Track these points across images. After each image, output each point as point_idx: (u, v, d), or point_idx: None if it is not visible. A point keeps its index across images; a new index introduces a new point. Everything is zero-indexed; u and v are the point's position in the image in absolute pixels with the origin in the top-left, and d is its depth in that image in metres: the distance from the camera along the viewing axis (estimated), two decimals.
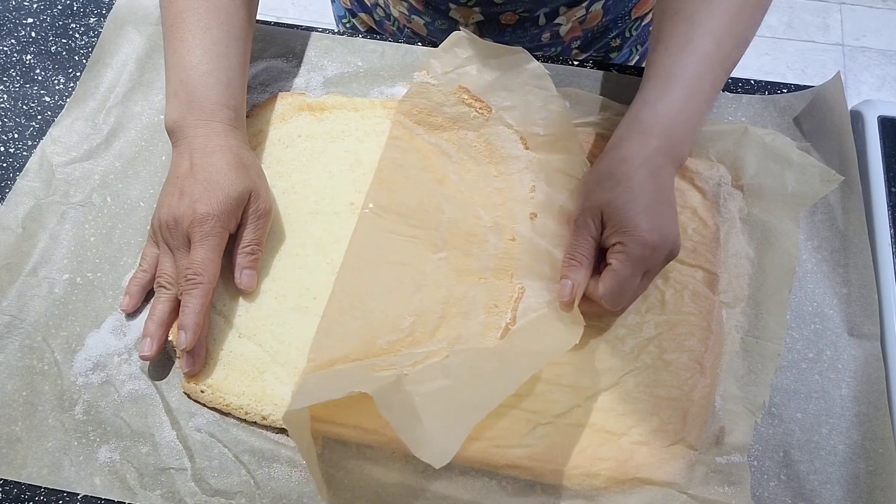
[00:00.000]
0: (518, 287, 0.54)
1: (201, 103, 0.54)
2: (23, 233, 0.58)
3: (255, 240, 0.54)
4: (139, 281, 0.54)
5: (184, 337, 0.50)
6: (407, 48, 0.67)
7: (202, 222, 0.51)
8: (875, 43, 1.92)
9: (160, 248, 0.54)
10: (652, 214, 0.49)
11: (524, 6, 0.69)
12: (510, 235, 0.56)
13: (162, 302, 0.52)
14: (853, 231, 0.58)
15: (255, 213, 0.54)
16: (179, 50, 0.55)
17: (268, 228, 0.56)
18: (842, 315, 0.55)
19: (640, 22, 0.79)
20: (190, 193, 0.51)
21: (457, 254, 0.55)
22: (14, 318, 0.54)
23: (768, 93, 0.65)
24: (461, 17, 0.72)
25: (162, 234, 0.53)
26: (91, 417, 0.50)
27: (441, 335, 0.52)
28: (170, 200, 0.52)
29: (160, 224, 0.53)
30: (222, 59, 0.56)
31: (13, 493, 0.48)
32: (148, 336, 0.51)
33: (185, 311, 0.50)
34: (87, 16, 0.71)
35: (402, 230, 0.55)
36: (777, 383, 0.52)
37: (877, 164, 0.60)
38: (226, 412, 0.50)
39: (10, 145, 0.63)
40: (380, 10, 0.79)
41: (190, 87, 0.55)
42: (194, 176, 0.52)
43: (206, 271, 0.51)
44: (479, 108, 0.61)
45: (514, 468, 0.48)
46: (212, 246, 0.51)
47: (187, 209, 0.51)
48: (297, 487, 0.48)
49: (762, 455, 0.50)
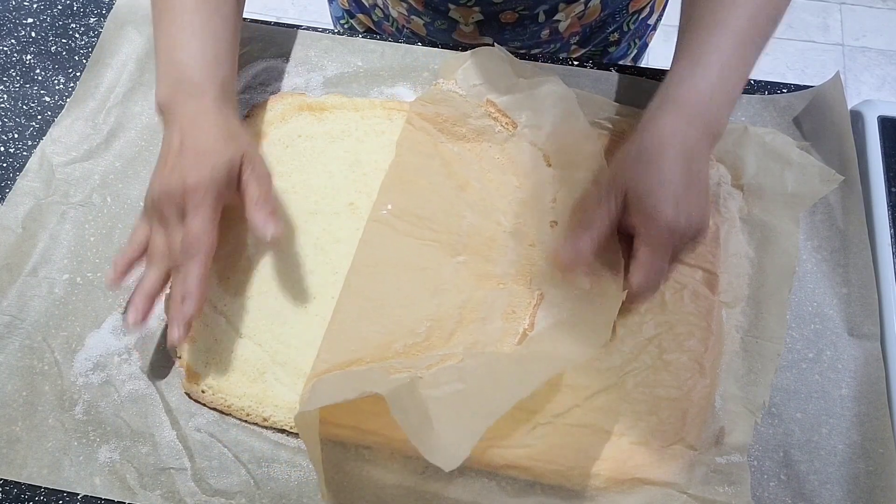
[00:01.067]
0: (537, 293, 0.54)
1: (190, 80, 0.54)
2: (23, 233, 0.58)
3: (261, 195, 0.52)
4: (127, 257, 0.52)
5: (190, 304, 0.49)
6: (407, 48, 0.67)
7: (194, 192, 0.50)
8: (875, 43, 1.92)
9: (152, 224, 0.53)
10: (679, 199, 0.49)
11: (523, 4, 0.69)
12: (530, 241, 0.56)
13: (151, 275, 0.51)
14: (853, 231, 0.58)
15: (253, 175, 0.53)
16: (169, 31, 0.55)
17: (272, 189, 0.54)
18: (842, 315, 0.55)
19: (638, 16, 0.79)
20: (180, 167, 0.51)
21: (476, 258, 0.55)
22: (14, 318, 0.54)
23: (768, 93, 0.65)
24: (461, 16, 0.72)
25: (154, 209, 0.52)
26: (91, 417, 0.50)
27: (457, 339, 0.52)
28: (160, 177, 0.52)
29: (152, 200, 0.52)
30: (211, 37, 0.56)
31: (13, 493, 0.48)
32: (133, 306, 0.50)
33: (187, 280, 0.49)
34: (87, 16, 0.71)
35: (420, 234, 0.55)
36: (777, 383, 0.52)
37: (877, 164, 0.60)
38: (227, 413, 0.51)
39: (10, 145, 0.63)
40: (378, 10, 0.79)
41: (179, 65, 0.54)
42: (186, 147, 0.52)
43: (202, 240, 0.50)
44: (504, 122, 0.60)
45: (514, 468, 0.48)
46: (206, 216, 0.50)
47: (178, 181, 0.50)
48: (296, 487, 0.48)
49: (762, 455, 0.50)
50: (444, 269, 0.54)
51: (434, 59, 0.67)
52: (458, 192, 0.58)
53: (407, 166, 0.58)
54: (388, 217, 0.55)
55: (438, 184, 0.58)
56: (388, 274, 0.53)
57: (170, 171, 0.51)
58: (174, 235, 0.51)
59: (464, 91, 0.62)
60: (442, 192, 0.57)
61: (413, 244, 0.55)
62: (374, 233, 0.55)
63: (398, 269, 0.53)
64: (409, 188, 0.57)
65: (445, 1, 0.70)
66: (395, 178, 0.58)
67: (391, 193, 0.57)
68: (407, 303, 0.52)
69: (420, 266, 0.54)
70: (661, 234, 0.48)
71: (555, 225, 0.56)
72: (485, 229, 0.56)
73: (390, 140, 0.62)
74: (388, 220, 0.55)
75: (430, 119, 0.61)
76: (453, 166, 0.59)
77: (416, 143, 0.59)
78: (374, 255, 0.54)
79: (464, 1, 0.70)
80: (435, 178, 0.58)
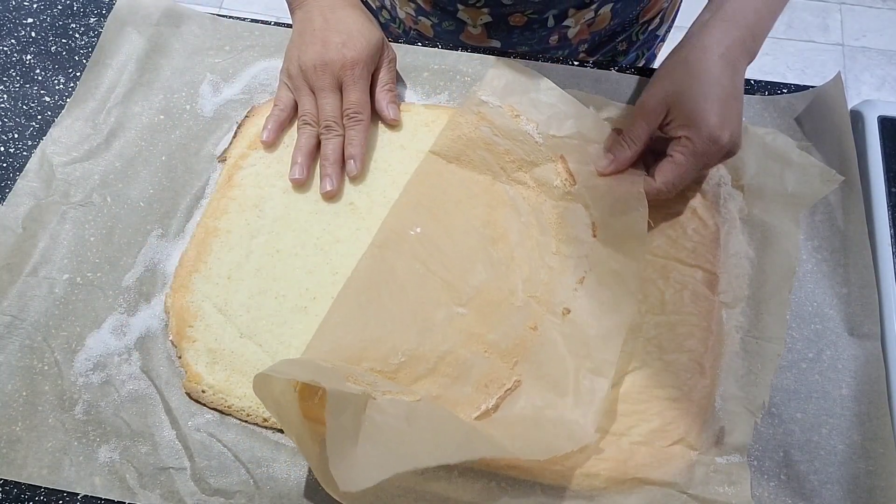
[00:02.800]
0: (514, 379, 0.51)
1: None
2: (23, 233, 0.58)
3: (391, 79, 0.62)
4: (277, 118, 0.60)
5: (353, 164, 0.58)
6: (407, 48, 0.67)
7: (353, 66, 0.58)
8: (875, 43, 1.92)
9: (299, 92, 0.60)
10: (723, 110, 0.50)
11: (533, 7, 0.69)
12: (533, 323, 0.53)
13: (306, 136, 0.59)
14: (853, 231, 0.58)
15: (387, 59, 0.62)
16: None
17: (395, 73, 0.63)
18: (842, 315, 0.55)
19: (647, 26, 0.79)
20: (333, 42, 0.58)
21: (475, 317, 0.53)
22: (14, 318, 0.54)
23: (768, 93, 0.65)
24: (469, 17, 0.72)
25: (306, 77, 0.59)
26: (91, 417, 0.50)
27: (423, 386, 0.49)
28: (313, 48, 0.58)
29: (304, 68, 0.59)
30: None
31: (13, 493, 0.48)
32: (296, 163, 0.58)
33: (353, 143, 0.59)
34: (87, 16, 0.71)
35: (434, 268, 0.54)
36: (777, 383, 0.52)
37: (877, 164, 0.60)
38: (227, 413, 0.51)
39: (10, 145, 0.63)
40: (385, 12, 0.79)
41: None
42: (332, 28, 0.59)
43: (364, 109, 0.59)
44: (565, 178, 0.59)
45: (514, 468, 0.48)
46: (364, 87, 0.59)
47: (336, 54, 0.58)
48: (296, 488, 0.48)
49: (762, 455, 0.50)
50: (440, 313, 0.52)
51: (434, 59, 0.67)
52: (489, 244, 0.56)
53: (453, 195, 0.57)
54: (413, 238, 0.54)
55: (473, 229, 0.56)
56: (387, 291, 0.52)
57: (323, 44, 0.58)
58: (328, 102, 0.59)
59: (541, 138, 0.59)
60: (473, 238, 0.56)
61: (423, 274, 0.53)
62: (392, 247, 0.54)
63: (399, 290, 0.52)
64: (445, 220, 0.56)
65: (454, 1, 0.70)
66: (437, 202, 0.56)
67: (426, 217, 0.55)
68: (391, 328, 0.51)
69: (419, 299, 0.52)
70: (703, 142, 0.51)
71: (567, 313, 0.53)
72: (496, 293, 0.54)
73: (390, 140, 0.62)
74: (411, 240, 0.54)
75: (498, 154, 0.59)
76: (498, 212, 0.57)
77: (474, 178, 0.58)
78: (382, 268, 0.53)
79: (472, 1, 0.70)
80: (473, 222, 0.56)
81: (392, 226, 0.55)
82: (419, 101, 0.65)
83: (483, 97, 0.61)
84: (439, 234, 0.55)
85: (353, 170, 0.58)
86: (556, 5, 0.70)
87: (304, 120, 0.60)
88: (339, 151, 0.59)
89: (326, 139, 0.59)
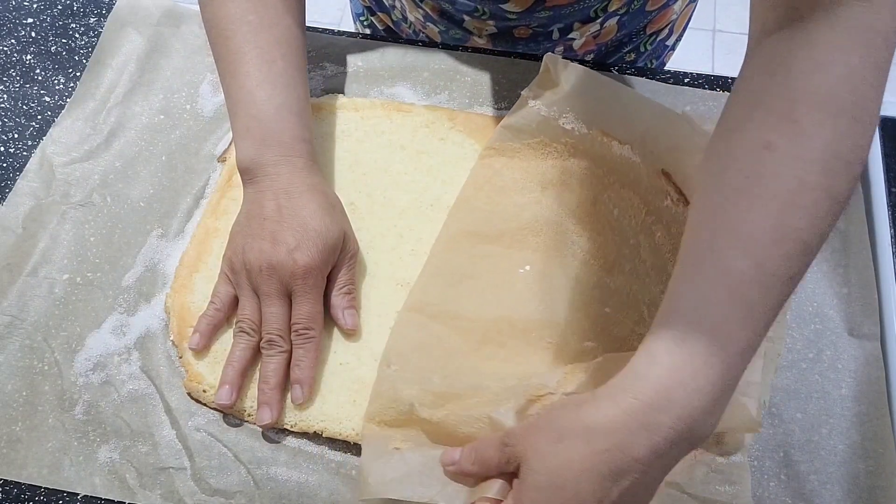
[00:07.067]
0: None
1: (279, 139, 0.53)
2: (23, 233, 0.58)
3: (349, 280, 0.53)
4: (211, 320, 0.52)
5: (300, 391, 0.49)
6: (407, 48, 0.67)
7: (305, 275, 0.49)
8: None
9: (241, 290, 0.51)
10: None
11: (538, 21, 0.69)
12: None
13: (241, 348, 0.50)
14: (853, 231, 0.58)
15: (347, 255, 0.53)
16: (246, 85, 0.53)
17: (355, 271, 0.54)
18: (842, 315, 0.55)
19: (656, 37, 0.77)
20: (285, 241, 0.49)
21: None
22: (14, 318, 0.54)
23: None
24: (475, 28, 0.72)
25: (249, 277, 0.50)
26: (91, 417, 0.50)
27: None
28: (260, 245, 0.50)
29: (248, 268, 0.50)
30: (290, 90, 0.54)
31: (13, 493, 0.48)
32: (227, 384, 0.49)
33: (301, 365, 0.49)
34: (87, 16, 0.71)
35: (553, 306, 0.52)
36: (777, 383, 0.52)
37: (877, 164, 0.60)
38: (227, 412, 0.50)
39: (10, 145, 0.63)
40: (397, 11, 0.79)
41: (264, 122, 0.53)
42: (285, 220, 0.50)
43: (316, 323, 0.50)
44: (676, 198, 0.51)
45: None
46: (317, 297, 0.50)
47: (286, 258, 0.49)
48: (296, 488, 0.48)
49: (762, 455, 0.50)
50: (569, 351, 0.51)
51: (434, 59, 0.67)
52: (604, 274, 0.53)
53: (550, 218, 0.55)
54: (524, 274, 0.53)
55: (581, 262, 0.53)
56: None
57: (272, 242, 0.50)
58: (273, 312, 0.50)
59: (639, 157, 0.56)
60: (511, 276, 0.53)
61: (541, 311, 0.52)
62: (505, 287, 0.53)
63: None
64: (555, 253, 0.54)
65: (460, 11, 0.70)
66: (549, 228, 0.54)
67: (535, 249, 0.54)
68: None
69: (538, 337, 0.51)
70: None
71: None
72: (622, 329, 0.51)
73: (390, 140, 0.62)
74: (523, 278, 0.53)
75: (599, 175, 0.56)
76: (605, 237, 0.54)
77: (577, 190, 0.55)
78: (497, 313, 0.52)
79: (478, 14, 0.69)
80: (582, 255, 0.53)
81: (499, 265, 0.54)
82: (419, 101, 0.65)
83: (565, 125, 0.57)
84: (553, 269, 0.53)
85: (298, 397, 0.49)
86: (561, 20, 0.69)
87: (242, 327, 0.50)
88: (283, 373, 0.49)
89: (269, 356, 0.49)
